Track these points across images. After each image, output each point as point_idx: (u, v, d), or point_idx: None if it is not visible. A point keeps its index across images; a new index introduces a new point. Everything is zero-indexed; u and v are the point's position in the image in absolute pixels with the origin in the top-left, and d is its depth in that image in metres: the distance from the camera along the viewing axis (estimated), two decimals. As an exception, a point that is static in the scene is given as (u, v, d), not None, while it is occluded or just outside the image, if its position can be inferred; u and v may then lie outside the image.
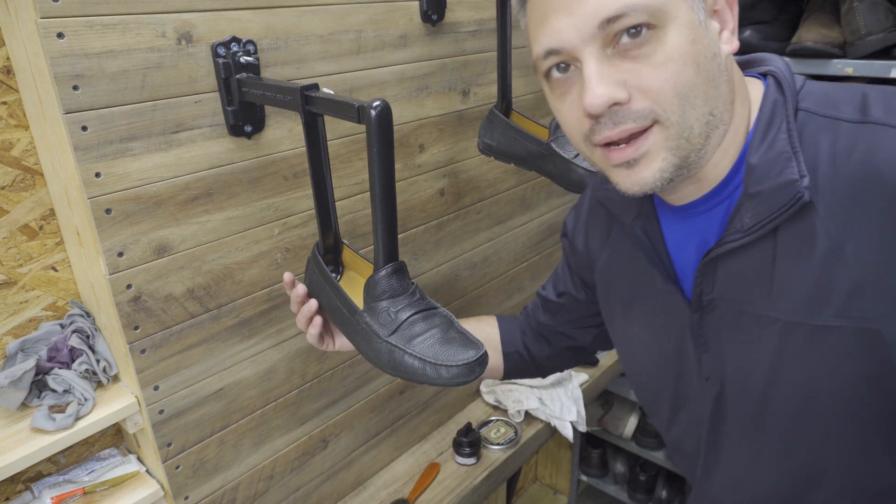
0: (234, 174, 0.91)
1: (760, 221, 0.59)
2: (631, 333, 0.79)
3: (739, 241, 0.61)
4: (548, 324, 0.97)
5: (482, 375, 0.75)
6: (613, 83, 0.55)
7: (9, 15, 0.76)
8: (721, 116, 0.59)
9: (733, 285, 0.65)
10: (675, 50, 0.54)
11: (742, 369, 0.66)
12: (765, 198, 0.59)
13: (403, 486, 1.33)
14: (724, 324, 0.67)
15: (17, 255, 0.89)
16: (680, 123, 0.56)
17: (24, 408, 0.88)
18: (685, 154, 0.58)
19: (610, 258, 0.80)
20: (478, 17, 1.22)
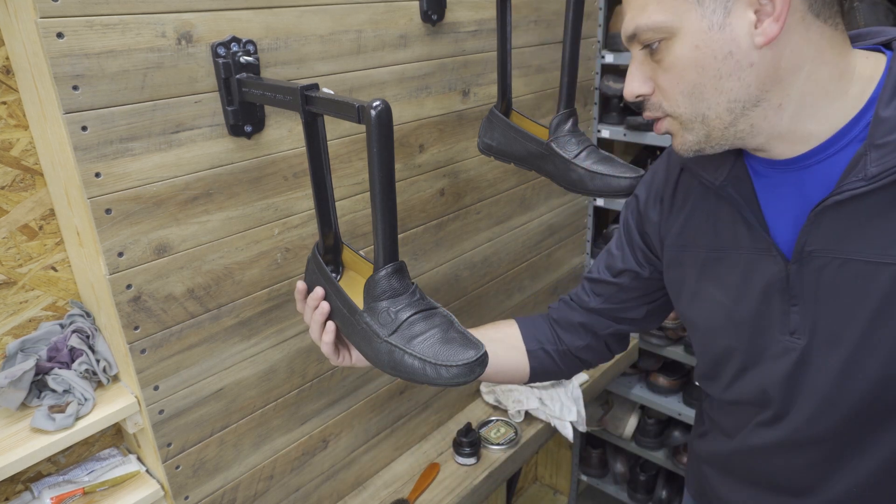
0: (234, 174, 0.91)
1: (888, 170, 0.63)
2: (704, 296, 0.82)
3: (861, 189, 0.64)
4: (599, 308, 0.97)
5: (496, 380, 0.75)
6: (643, 79, 0.70)
7: (8, 15, 0.76)
8: (756, 97, 0.66)
9: (840, 236, 0.68)
10: (677, 58, 0.66)
11: (838, 320, 0.70)
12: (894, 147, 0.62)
13: (403, 486, 1.33)
14: (824, 275, 0.70)
15: (17, 255, 0.89)
16: (689, 114, 0.68)
17: (24, 408, 0.88)
18: (706, 132, 0.69)
19: (685, 224, 0.84)
20: (478, 17, 1.22)
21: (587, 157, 1.04)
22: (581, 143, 1.05)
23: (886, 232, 0.65)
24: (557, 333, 0.99)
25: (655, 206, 0.88)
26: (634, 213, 0.92)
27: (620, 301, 0.96)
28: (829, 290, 0.70)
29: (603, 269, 0.96)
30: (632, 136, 1.70)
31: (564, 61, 1.05)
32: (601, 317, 0.97)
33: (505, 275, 1.55)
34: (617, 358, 1.76)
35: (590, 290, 0.98)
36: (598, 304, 0.97)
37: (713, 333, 0.83)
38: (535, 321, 1.01)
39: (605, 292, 0.96)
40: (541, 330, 1.00)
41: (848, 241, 0.67)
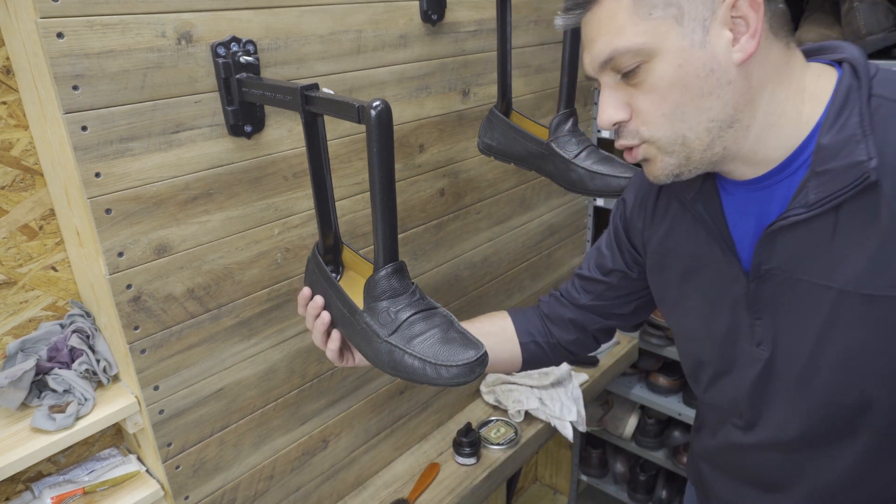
0: (234, 174, 0.91)
1: (825, 198, 0.65)
2: (687, 305, 0.84)
3: (803, 216, 0.67)
4: (589, 304, 0.99)
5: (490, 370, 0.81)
6: (618, 105, 0.68)
7: (9, 15, 0.76)
8: (731, 116, 0.66)
9: (791, 256, 0.70)
10: (660, 78, 0.64)
11: (793, 335, 0.72)
12: (831, 176, 0.64)
13: (403, 486, 1.33)
14: (780, 292, 0.72)
15: (17, 255, 0.89)
16: (668, 137, 0.67)
17: (24, 408, 0.88)
18: (685, 155, 0.68)
19: (666, 234, 0.85)
20: (478, 17, 1.22)
21: (587, 157, 1.04)
22: (581, 143, 1.05)
23: (828, 256, 0.67)
24: (548, 327, 1.02)
25: (640, 214, 0.90)
26: (622, 217, 0.94)
27: (610, 299, 0.98)
28: (786, 306, 0.72)
29: (594, 268, 0.98)
30: (632, 136, 1.69)
31: (564, 61, 1.05)
32: (590, 313, 0.99)
33: (505, 275, 1.55)
34: (617, 358, 1.77)
35: (580, 288, 1.00)
36: (588, 300, 0.99)
37: (693, 339, 0.86)
38: (526, 314, 1.04)
39: (595, 290, 0.98)
40: (532, 323, 1.03)
41: (798, 261, 0.70)
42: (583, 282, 1.00)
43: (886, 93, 0.64)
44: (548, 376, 1.56)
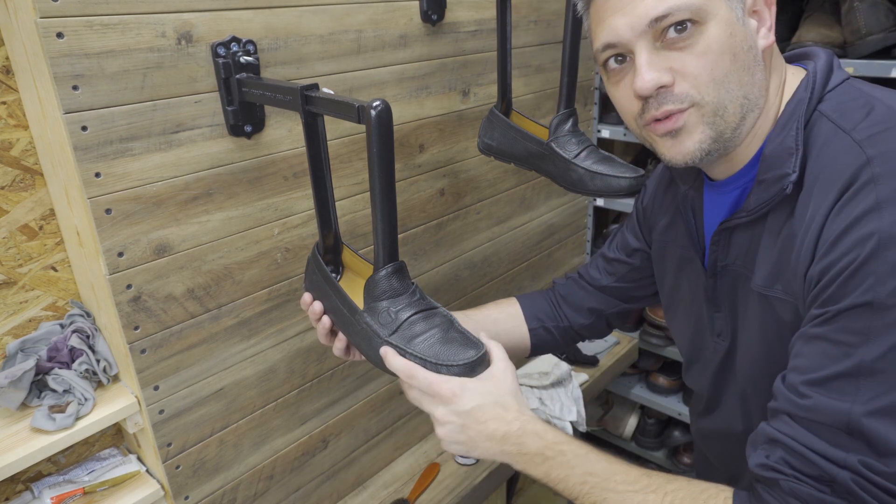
0: (233, 174, 0.91)
1: (760, 205, 0.69)
2: (678, 292, 0.89)
3: (743, 220, 0.72)
4: (610, 286, 1.01)
5: None
6: (660, 70, 0.66)
7: (8, 15, 0.76)
8: (756, 101, 0.67)
9: (739, 255, 0.75)
10: (714, 41, 0.64)
11: (747, 326, 0.76)
12: (766, 185, 0.68)
13: (403, 486, 1.33)
14: (733, 288, 0.77)
15: (17, 255, 0.89)
16: (714, 104, 0.66)
17: (24, 408, 0.87)
18: (721, 129, 0.67)
19: (667, 225, 0.90)
20: (478, 17, 1.22)
21: (587, 157, 1.04)
22: (581, 143, 1.05)
23: (755, 258, 0.72)
24: (563, 310, 1.04)
25: (653, 201, 0.94)
26: (641, 201, 0.98)
27: (632, 280, 1.00)
28: (739, 300, 0.77)
29: (618, 248, 1.01)
30: (632, 136, 1.70)
31: (564, 61, 1.05)
32: (611, 296, 1.02)
33: (505, 275, 1.55)
34: (617, 358, 1.77)
35: (604, 269, 1.02)
36: (611, 282, 1.01)
37: (682, 324, 0.90)
38: (534, 299, 1.06)
39: (618, 271, 1.01)
40: (541, 308, 1.04)
41: (745, 260, 0.74)
42: (606, 263, 1.02)
43: (828, 109, 0.66)
44: (548, 376, 1.56)
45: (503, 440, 0.70)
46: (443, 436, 0.72)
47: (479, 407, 0.70)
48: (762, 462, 0.63)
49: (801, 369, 0.62)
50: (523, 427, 0.70)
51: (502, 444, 0.70)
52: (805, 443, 0.59)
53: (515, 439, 0.70)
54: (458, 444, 0.72)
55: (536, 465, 0.70)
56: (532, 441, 0.70)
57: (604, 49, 0.69)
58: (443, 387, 0.69)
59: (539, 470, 0.70)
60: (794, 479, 0.60)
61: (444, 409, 0.70)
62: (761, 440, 0.64)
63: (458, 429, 0.71)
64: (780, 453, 0.61)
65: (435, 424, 0.72)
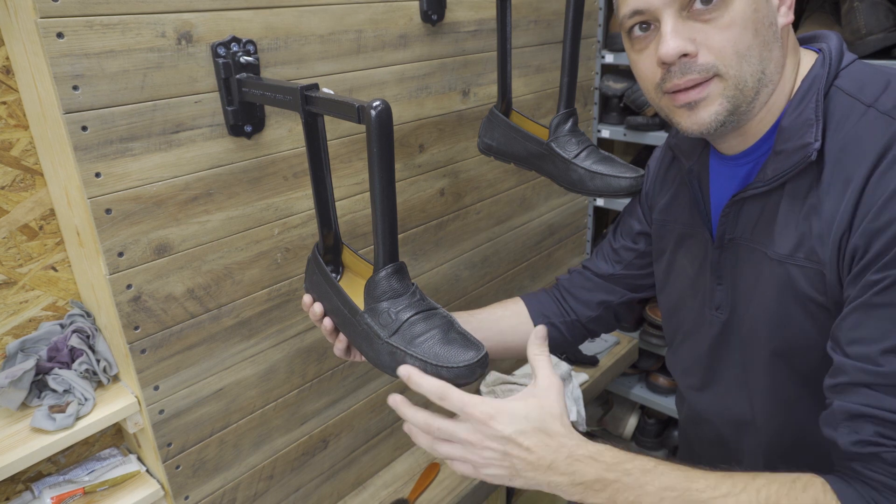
0: (234, 174, 0.91)
1: (777, 175, 0.70)
2: (676, 267, 0.90)
3: (759, 190, 0.73)
4: (617, 274, 1.01)
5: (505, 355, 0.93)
6: (685, 39, 0.67)
7: (8, 15, 0.76)
8: (771, 76, 0.69)
9: (749, 227, 0.76)
10: (739, 15, 0.65)
11: (745, 300, 0.78)
12: (786, 155, 0.69)
13: (403, 486, 1.33)
14: (738, 260, 0.78)
15: (17, 255, 0.89)
16: (736, 76, 0.67)
17: (24, 408, 0.88)
18: (738, 103, 0.69)
19: (668, 203, 0.91)
20: (478, 17, 1.22)
21: (587, 157, 1.04)
22: (581, 143, 1.05)
23: (773, 227, 0.72)
24: (568, 304, 1.03)
25: (654, 182, 0.95)
26: (644, 183, 0.99)
27: (639, 267, 1.00)
28: (742, 273, 0.78)
29: (624, 235, 1.01)
30: (632, 136, 1.70)
31: (564, 61, 1.05)
32: (617, 285, 1.02)
33: (505, 275, 1.55)
34: (617, 358, 1.77)
35: (610, 258, 1.02)
36: (618, 270, 1.01)
37: (678, 301, 0.91)
38: (539, 297, 1.05)
39: (624, 258, 1.00)
40: (546, 305, 1.04)
41: (755, 232, 0.75)
42: (612, 251, 1.02)
43: (844, 85, 0.69)
44: (548, 376, 1.56)
45: (550, 470, 0.64)
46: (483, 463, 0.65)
47: (520, 432, 0.63)
48: (855, 439, 0.61)
49: (869, 339, 0.61)
50: (572, 453, 0.64)
51: (549, 475, 0.64)
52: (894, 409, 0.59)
53: (565, 468, 0.64)
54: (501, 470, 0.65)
55: (596, 493, 0.64)
56: (587, 468, 0.64)
57: (631, 15, 0.70)
58: (477, 409, 0.63)
59: (600, 497, 0.64)
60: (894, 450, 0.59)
61: (482, 436, 0.64)
62: (840, 418, 0.63)
63: (500, 456, 0.64)
64: (870, 427, 0.61)
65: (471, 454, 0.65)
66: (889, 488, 0.60)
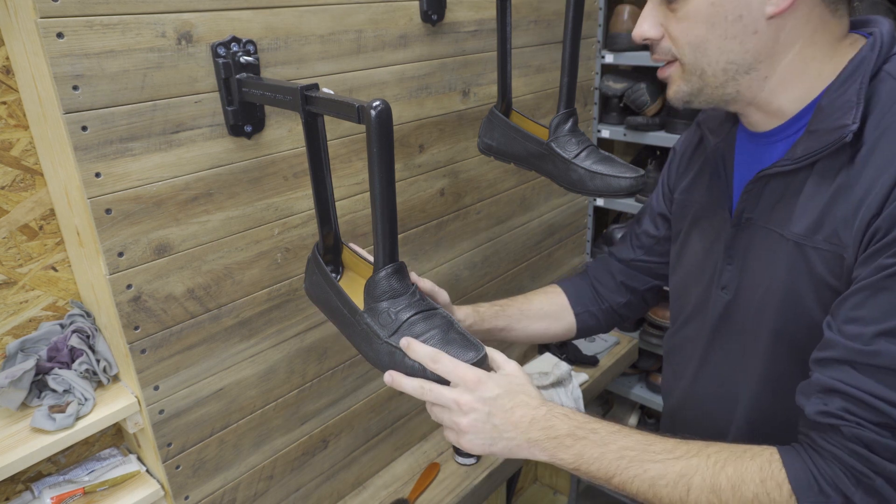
0: (234, 174, 0.91)
1: (808, 154, 0.70)
2: (688, 247, 0.91)
3: (786, 167, 0.72)
4: (638, 259, 1.03)
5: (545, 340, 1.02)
6: (653, 23, 0.74)
7: (8, 15, 0.76)
8: (749, 65, 0.71)
9: (769, 207, 0.76)
10: (694, 10, 0.69)
11: (752, 282, 0.78)
12: (819, 135, 0.69)
13: (403, 486, 1.33)
14: (752, 241, 0.78)
15: (17, 255, 0.89)
16: (692, 64, 0.73)
17: (24, 408, 0.88)
18: (698, 87, 0.74)
19: (689, 184, 0.92)
20: (478, 17, 1.22)
21: (587, 157, 1.04)
22: (581, 143, 1.05)
23: (793, 208, 0.72)
24: (599, 293, 1.06)
25: (678, 163, 0.96)
26: (668, 165, 1.00)
27: (658, 255, 1.02)
28: (754, 254, 0.78)
29: (646, 223, 1.02)
30: (632, 136, 1.70)
31: (564, 61, 1.05)
32: (640, 272, 1.04)
33: (505, 275, 1.55)
34: (617, 358, 1.77)
35: (633, 243, 1.04)
36: (639, 255, 1.03)
37: (687, 279, 0.91)
38: (576, 285, 1.09)
39: (646, 244, 1.02)
40: (583, 293, 1.08)
41: (773, 212, 0.75)
42: (635, 236, 1.04)
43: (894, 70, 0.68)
44: (548, 376, 1.56)
45: (530, 426, 0.70)
46: (466, 427, 0.69)
47: (505, 394, 0.70)
48: (820, 409, 0.63)
49: (868, 319, 0.62)
50: (551, 410, 0.71)
51: (528, 431, 0.70)
52: (869, 390, 0.60)
53: (544, 423, 0.69)
54: (482, 435, 0.70)
55: (567, 448, 0.69)
56: (561, 423, 0.70)
57: None
58: (468, 373, 0.69)
59: (570, 452, 0.69)
60: (857, 425, 0.60)
61: (470, 397, 0.69)
62: (815, 390, 0.65)
63: (485, 417, 0.69)
64: (839, 402, 0.62)
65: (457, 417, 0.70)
66: (838, 460, 0.62)
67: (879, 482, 0.59)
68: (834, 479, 0.61)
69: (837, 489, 0.61)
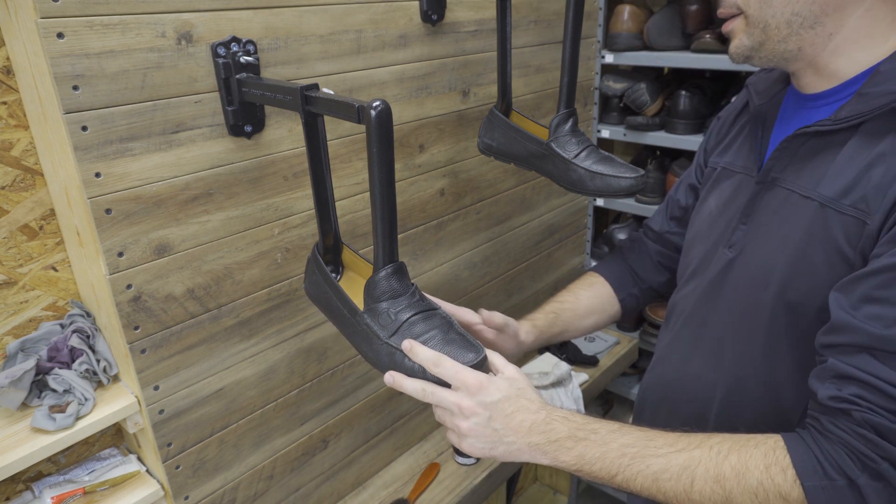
0: (234, 174, 0.91)
1: (854, 115, 0.68)
2: (705, 204, 0.90)
3: (826, 127, 0.70)
4: (670, 231, 1.04)
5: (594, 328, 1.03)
6: None
7: (9, 15, 0.76)
8: (815, 19, 0.68)
9: (797, 169, 0.74)
10: None
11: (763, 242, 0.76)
12: (869, 98, 0.67)
13: (403, 486, 1.33)
14: (772, 202, 0.76)
15: (17, 255, 0.89)
16: (756, 17, 0.71)
17: (24, 408, 0.88)
18: (760, 41, 0.72)
19: (728, 143, 0.90)
20: (478, 17, 1.22)
21: (587, 157, 1.04)
22: (581, 143, 1.05)
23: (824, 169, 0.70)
24: (638, 275, 1.07)
25: (722, 128, 0.95)
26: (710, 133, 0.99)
27: None
28: (771, 215, 0.76)
29: (682, 194, 1.02)
30: (632, 136, 1.70)
31: (564, 61, 1.05)
32: (668, 248, 1.03)
33: (505, 275, 1.55)
34: (617, 358, 1.77)
35: (666, 212, 1.04)
36: (672, 227, 1.03)
37: (694, 238, 0.90)
38: (615, 272, 1.09)
39: (678, 215, 1.02)
40: (624, 277, 1.08)
41: (801, 173, 0.73)
42: (670, 206, 1.04)
43: None
44: (548, 376, 1.56)
45: (530, 430, 0.70)
46: (467, 430, 0.70)
47: (505, 398, 0.70)
48: (833, 394, 0.62)
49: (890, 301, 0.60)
50: (550, 414, 0.70)
51: (529, 436, 0.70)
52: (886, 378, 0.59)
53: (543, 427, 0.69)
54: (483, 439, 0.70)
55: (568, 450, 0.69)
56: (561, 425, 0.69)
57: None
58: (469, 376, 0.68)
59: (571, 454, 0.69)
60: (869, 411, 0.59)
61: (471, 401, 0.69)
62: (829, 375, 0.64)
63: (485, 421, 0.69)
64: (853, 388, 0.61)
65: (459, 420, 0.70)
66: (845, 444, 0.61)
67: (885, 466, 0.59)
68: (840, 462, 0.61)
69: (843, 472, 0.61)
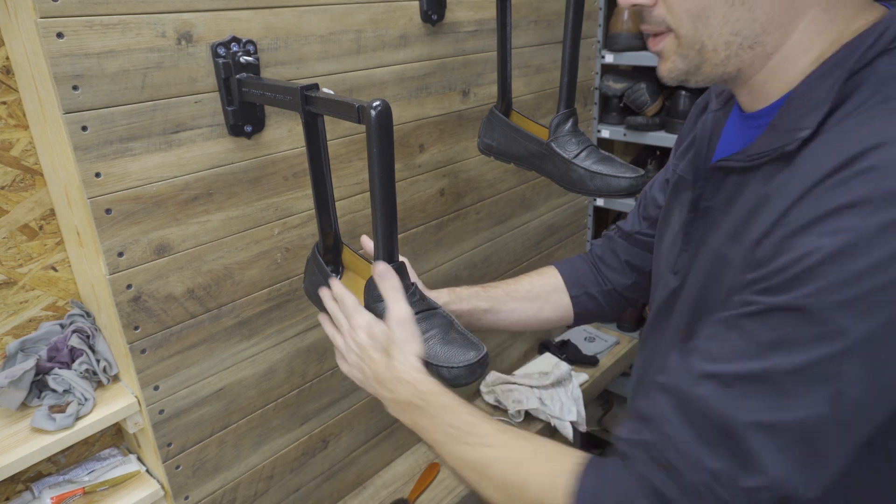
0: (234, 174, 0.91)
1: (760, 153, 0.61)
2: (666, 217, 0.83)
3: (735, 164, 0.65)
4: (641, 232, 0.95)
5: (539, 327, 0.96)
6: None
7: (8, 15, 0.76)
8: (757, 36, 0.60)
9: (725, 199, 0.68)
10: None
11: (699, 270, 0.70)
12: (776, 134, 0.60)
13: (403, 486, 1.33)
14: (706, 230, 0.70)
15: (17, 255, 0.89)
16: (691, 37, 0.62)
17: (24, 408, 0.87)
18: (696, 63, 0.63)
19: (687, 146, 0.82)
20: (478, 17, 1.22)
21: (587, 157, 1.04)
22: (581, 143, 1.05)
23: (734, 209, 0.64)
24: (602, 273, 0.99)
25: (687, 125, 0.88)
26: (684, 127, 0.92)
27: None
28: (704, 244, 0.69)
29: (656, 187, 0.94)
30: (632, 136, 1.70)
31: (564, 61, 1.05)
32: (641, 248, 0.95)
33: (505, 275, 1.55)
34: (617, 358, 1.77)
35: (640, 212, 0.96)
36: (644, 227, 0.94)
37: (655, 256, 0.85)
38: (575, 265, 1.01)
39: (652, 214, 0.93)
40: (582, 273, 1.00)
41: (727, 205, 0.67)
42: (643, 205, 0.95)
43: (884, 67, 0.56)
44: (548, 376, 1.56)
45: (380, 384, 0.73)
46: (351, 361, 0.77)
47: (370, 346, 0.73)
48: (627, 437, 0.59)
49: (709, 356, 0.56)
50: (399, 375, 0.71)
51: (379, 388, 0.73)
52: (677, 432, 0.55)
53: (391, 385, 0.72)
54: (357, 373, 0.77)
55: (407, 414, 0.71)
56: (404, 389, 0.71)
57: None
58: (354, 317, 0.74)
59: (409, 418, 0.71)
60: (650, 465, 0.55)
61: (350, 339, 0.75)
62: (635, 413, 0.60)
63: (357, 360, 0.75)
64: (647, 434, 0.57)
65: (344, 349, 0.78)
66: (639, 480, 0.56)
67: None
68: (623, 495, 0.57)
69: None
